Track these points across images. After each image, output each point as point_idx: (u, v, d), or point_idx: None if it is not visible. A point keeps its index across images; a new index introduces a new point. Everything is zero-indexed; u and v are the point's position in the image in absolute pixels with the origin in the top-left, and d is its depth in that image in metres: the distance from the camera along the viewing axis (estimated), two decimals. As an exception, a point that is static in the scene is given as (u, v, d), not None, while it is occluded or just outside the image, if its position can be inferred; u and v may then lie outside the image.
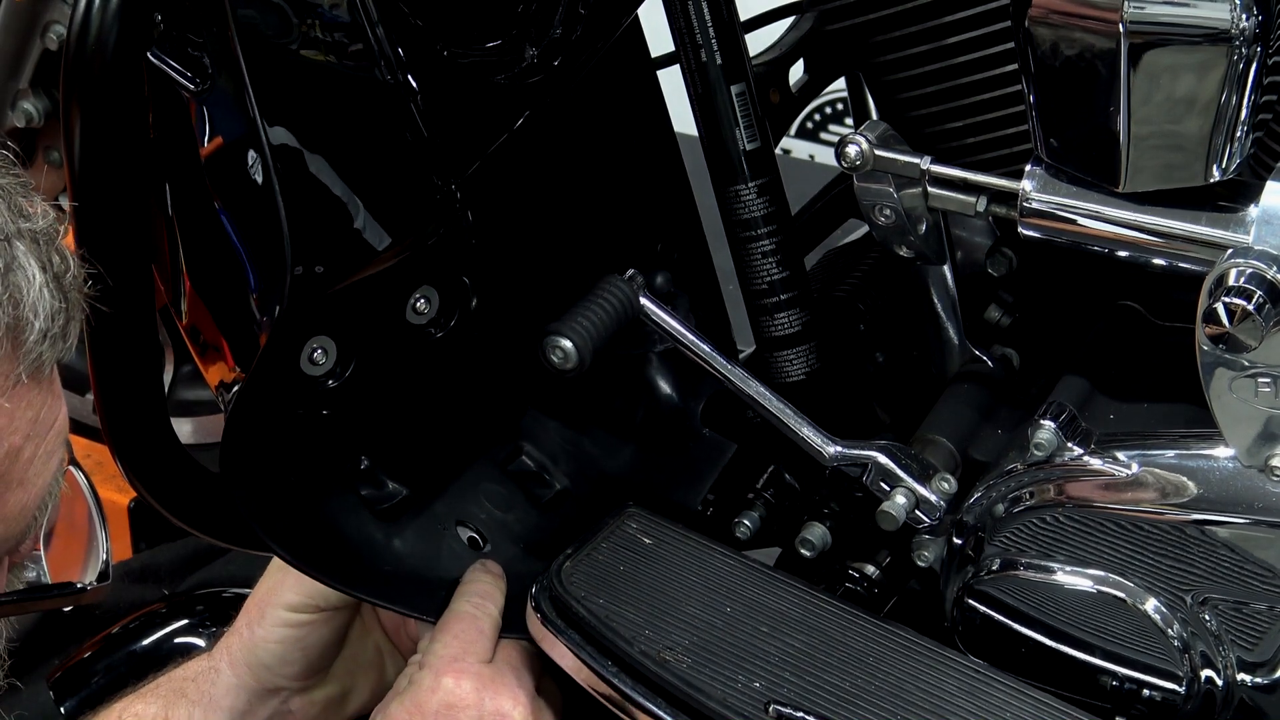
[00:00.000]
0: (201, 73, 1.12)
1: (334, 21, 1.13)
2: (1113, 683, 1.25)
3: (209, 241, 1.16)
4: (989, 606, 1.27)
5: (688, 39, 1.34)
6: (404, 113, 1.16)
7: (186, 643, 1.40)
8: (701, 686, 1.18)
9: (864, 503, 1.29)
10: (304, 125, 1.12)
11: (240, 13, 1.09)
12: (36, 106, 1.53)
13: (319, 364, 1.21)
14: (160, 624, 1.42)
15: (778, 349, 1.40)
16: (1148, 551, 1.20)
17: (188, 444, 1.27)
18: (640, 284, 1.32)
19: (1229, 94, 1.07)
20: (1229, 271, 1.07)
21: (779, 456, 1.41)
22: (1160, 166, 1.11)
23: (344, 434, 1.27)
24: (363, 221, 1.16)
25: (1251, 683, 1.21)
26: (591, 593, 1.25)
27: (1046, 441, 1.21)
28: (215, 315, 1.19)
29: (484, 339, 1.32)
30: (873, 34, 1.31)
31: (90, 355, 1.18)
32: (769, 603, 1.25)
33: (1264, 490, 1.15)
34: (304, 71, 1.13)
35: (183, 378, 1.76)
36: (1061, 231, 1.18)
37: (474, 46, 1.23)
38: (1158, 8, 1.05)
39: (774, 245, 1.37)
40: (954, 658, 1.21)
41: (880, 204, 1.27)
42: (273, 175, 1.10)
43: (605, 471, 1.41)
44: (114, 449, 1.23)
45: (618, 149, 1.38)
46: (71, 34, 1.10)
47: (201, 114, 1.13)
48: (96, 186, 1.13)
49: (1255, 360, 1.09)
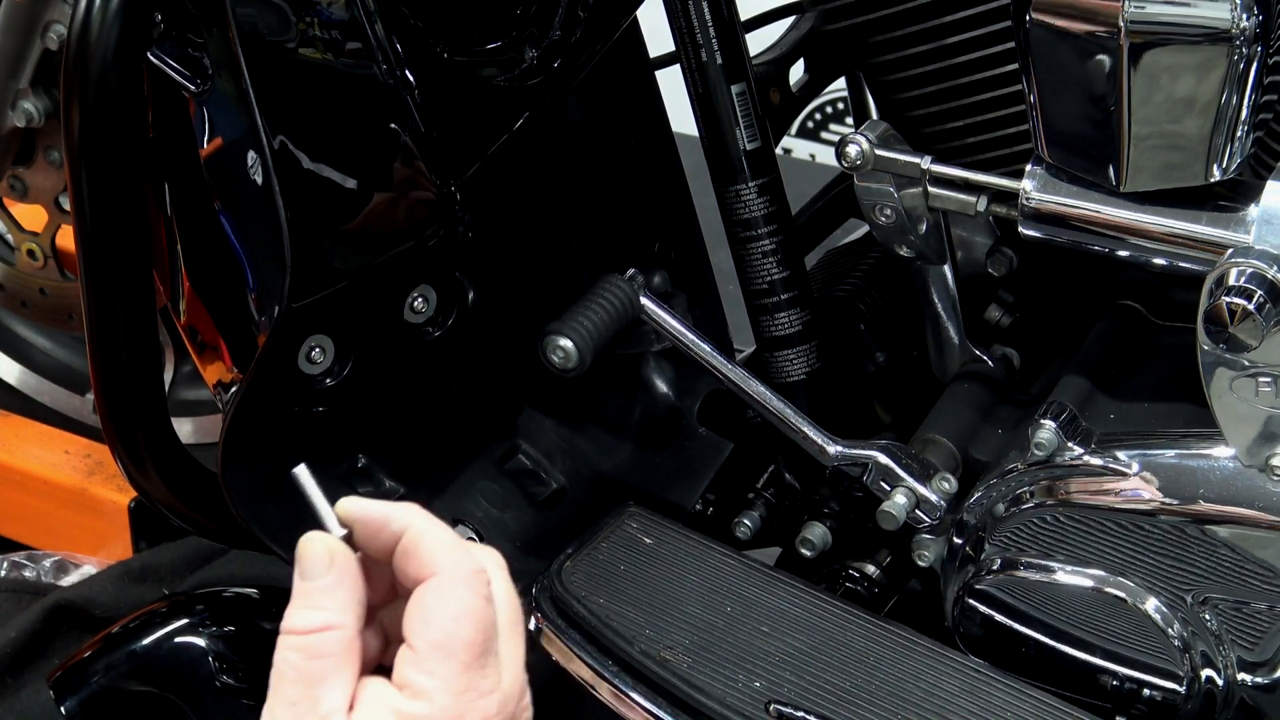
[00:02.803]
0: (201, 73, 1.12)
1: (334, 21, 1.13)
2: (1113, 683, 1.25)
3: (208, 241, 1.16)
4: (989, 606, 1.27)
5: (688, 39, 1.34)
6: (404, 113, 1.16)
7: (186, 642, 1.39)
8: (702, 686, 1.19)
9: (864, 502, 1.29)
10: (304, 126, 1.12)
11: (240, 12, 1.09)
12: (36, 106, 1.53)
13: (317, 362, 1.21)
14: (160, 624, 1.41)
15: (778, 349, 1.40)
16: (1148, 551, 1.20)
17: (188, 444, 1.27)
18: (640, 284, 1.32)
19: (1229, 94, 1.07)
20: (1229, 271, 1.07)
21: (779, 456, 1.41)
22: (1160, 166, 1.11)
23: (341, 432, 1.27)
24: (362, 221, 1.16)
25: (1252, 682, 1.21)
26: (592, 592, 1.25)
27: (1047, 441, 1.21)
28: (214, 315, 1.19)
29: (481, 338, 1.32)
30: (873, 34, 1.31)
31: (90, 355, 1.18)
32: (769, 603, 1.25)
33: (1264, 490, 1.15)
34: (304, 72, 1.13)
35: (183, 378, 1.76)
36: (1061, 231, 1.18)
37: (474, 48, 1.23)
38: (1158, 7, 1.05)
39: (774, 245, 1.37)
40: (954, 658, 1.21)
41: (880, 204, 1.27)
42: (272, 175, 1.10)
43: (602, 470, 1.41)
44: (114, 449, 1.23)
45: (616, 149, 1.38)
46: (71, 34, 1.10)
47: (201, 114, 1.13)
48: (96, 186, 1.13)
49: (1256, 360, 1.09)
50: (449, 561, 0.85)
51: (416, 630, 0.83)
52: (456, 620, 0.83)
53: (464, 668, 0.83)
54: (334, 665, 0.83)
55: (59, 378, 1.94)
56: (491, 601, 0.85)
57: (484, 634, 0.84)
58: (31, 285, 1.72)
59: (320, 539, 0.86)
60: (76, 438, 1.91)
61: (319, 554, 0.85)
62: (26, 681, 1.59)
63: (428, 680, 0.83)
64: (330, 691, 0.82)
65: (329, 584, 0.85)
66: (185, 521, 1.28)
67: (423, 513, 0.87)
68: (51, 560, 1.78)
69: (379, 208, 1.17)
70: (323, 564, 0.85)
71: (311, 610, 0.84)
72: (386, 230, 1.18)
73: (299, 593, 0.85)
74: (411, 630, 0.84)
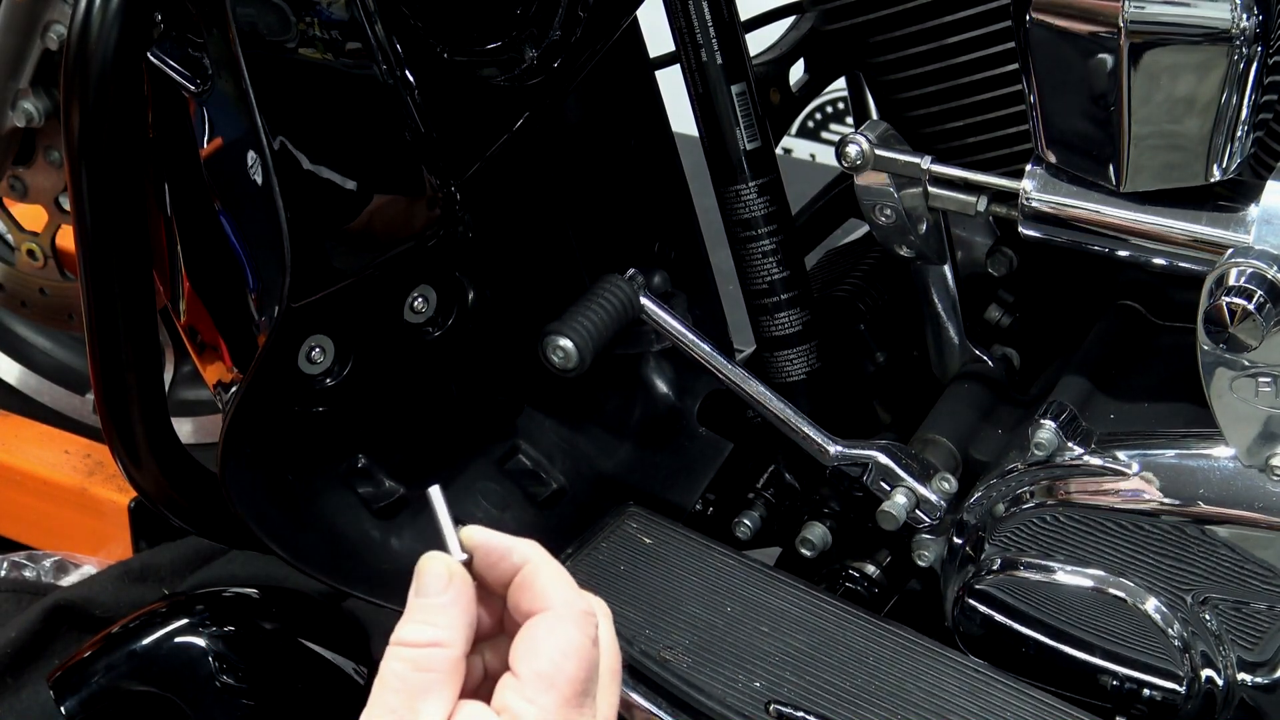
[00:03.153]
0: (201, 73, 1.12)
1: (334, 21, 1.13)
2: (1113, 683, 1.25)
3: (208, 241, 1.16)
4: (989, 606, 1.27)
5: (688, 39, 1.34)
6: (404, 113, 1.17)
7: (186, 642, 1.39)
8: (702, 686, 1.19)
9: (864, 502, 1.29)
10: (304, 126, 1.12)
11: (240, 12, 1.09)
12: (36, 106, 1.53)
13: (317, 362, 1.21)
14: (160, 624, 1.41)
15: (778, 349, 1.40)
16: (1148, 551, 1.20)
17: (188, 444, 1.27)
18: (640, 284, 1.32)
19: (1229, 94, 1.07)
20: (1229, 271, 1.07)
21: (779, 456, 1.41)
22: (1160, 166, 1.11)
23: (341, 432, 1.27)
24: (362, 221, 1.16)
25: (1252, 682, 1.21)
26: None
27: (1047, 441, 1.21)
28: (214, 315, 1.19)
29: (481, 338, 1.32)
30: (873, 34, 1.31)
31: (90, 355, 1.18)
32: (769, 603, 1.25)
33: (1264, 490, 1.15)
34: (304, 72, 1.13)
35: (183, 378, 1.76)
36: (1061, 231, 1.18)
37: (474, 48, 1.23)
38: (1158, 7, 1.05)
39: (774, 245, 1.37)
40: (954, 658, 1.21)
41: (880, 204, 1.27)
42: (272, 175, 1.10)
43: (601, 470, 1.41)
44: (114, 449, 1.23)
45: (616, 149, 1.38)
46: (71, 34, 1.10)
47: (201, 114, 1.13)
48: (96, 186, 1.13)
49: (1256, 360, 1.09)
50: (562, 599, 0.87)
51: (523, 658, 0.85)
52: (564, 655, 0.84)
53: (564, 701, 0.84)
54: (438, 680, 0.84)
55: (59, 378, 1.94)
56: (598, 645, 0.86)
57: (587, 673, 0.85)
58: (31, 285, 1.72)
59: (441, 559, 0.88)
60: (76, 438, 1.91)
61: (439, 573, 0.87)
62: (26, 681, 1.59)
63: (528, 707, 0.83)
64: (430, 705, 0.83)
65: (444, 603, 0.86)
66: (185, 521, 1.28)
67: (542, 550, 0.89)
68: (51, 560, 1.78)
69: (379, 208, 1.17)
70: (441, 583, 0.87)
71: (424, 625, 0.86)
72: (386, 230, 1.18)
73: (413, 608, 0.87)
74: (518, 658, 0.85)
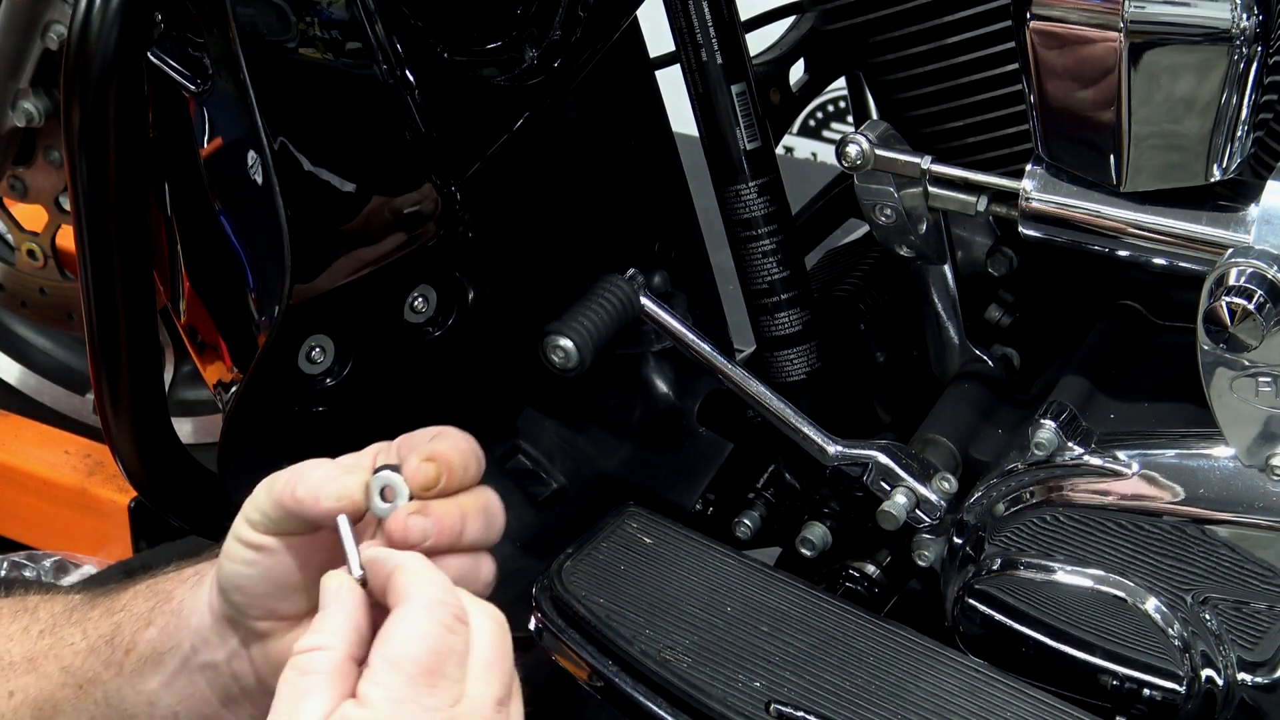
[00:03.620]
0: (201, 73, 1.13)
1: (334, 21, 1.13)
2: (1113, 683, 1.25)
3: (208, 241, 1.16)
4: (989, 606, 1.27)
5: (688, 39, 1.34)
6: (404, 113, 1.17)
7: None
8: (702, 686, 1.18)
9: (864, 502, 1.29)
10: (304, 126, 1.12)
11: (240, 12, 1.09)
12: (36, 106, 1.53)
13: (317, 362, 1.21)
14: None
15: (778, 348, 1.40)
16: (1148, 551, 1.20)
17: (188, 444, 1.27)
18: (640, 284, 1.32)
19: (1229, 94, 1.07)
20: (1229, 271, 1.07)
21: (779, 456, 1.41)
22: (1160, 166, 1.11)
23: (341, 432, 1.27)
24: (362, 221, 1.16)
25: (1252, 682, 1.21)
26: (592, 592, 1.25)
27: (1047, 441, 1.21)
28: (214, 315, 1.19)
29: (481, 338, 1.32)
30: (873, 34, 1.31)
31: (90, 355, 1.18)
32: (769, 603, 1.25)
33: (1264, 490, 1.15)
34: (304, 72, 1.13)
35: (183, 378, 1.76)
36: (1061, 231, 1.18)
37: (474, 48, 1.23)
38: (1158, 7, 1.05)
39: (774, 245, 1.37)
40: (954, 658, 1.20)
41: (880, 204, 1.27)
42: (272, 175, 1.10)
43: (602, 470, 1.41)
44: (114, 449, 1.23)
45: (616, 149, 1.38)
46: (72, 34, 1.10)
47: (201, 114, 1.13)
48: (96, 186, 1.13)
49: (1256, 360, 1.09)
50: (415, 591, 0.90)
51: (375, 648, 0.89)
52: (408, 638, 0.88)
53: (409, 680, 0.87)
54: (318, 683, 0.88)
55: (59, 378, 1.94)
56: (456, 633, 0.89)
57: (435, 656, 0.88)
58: (31, 285, 1.72)
59: (333, 575, 0.93)
60: (76, 438, 1.91)
61: (328, 586, 0.92)
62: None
63: (374, 689, 0.87)
64: (310, 704, 0.87)
65: (329, 612, 0.91)
66: (185, 521, 1.28)
67: (421, 558, 0.93)
68: (51, 560, 1.78)
69: (379, 208, 1.17)
70: (329, 596, 0.92)
71: (311, 634, 0.90)
72: (386, 230, 1.18)
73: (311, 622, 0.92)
74: (373, 650, 0.89)
